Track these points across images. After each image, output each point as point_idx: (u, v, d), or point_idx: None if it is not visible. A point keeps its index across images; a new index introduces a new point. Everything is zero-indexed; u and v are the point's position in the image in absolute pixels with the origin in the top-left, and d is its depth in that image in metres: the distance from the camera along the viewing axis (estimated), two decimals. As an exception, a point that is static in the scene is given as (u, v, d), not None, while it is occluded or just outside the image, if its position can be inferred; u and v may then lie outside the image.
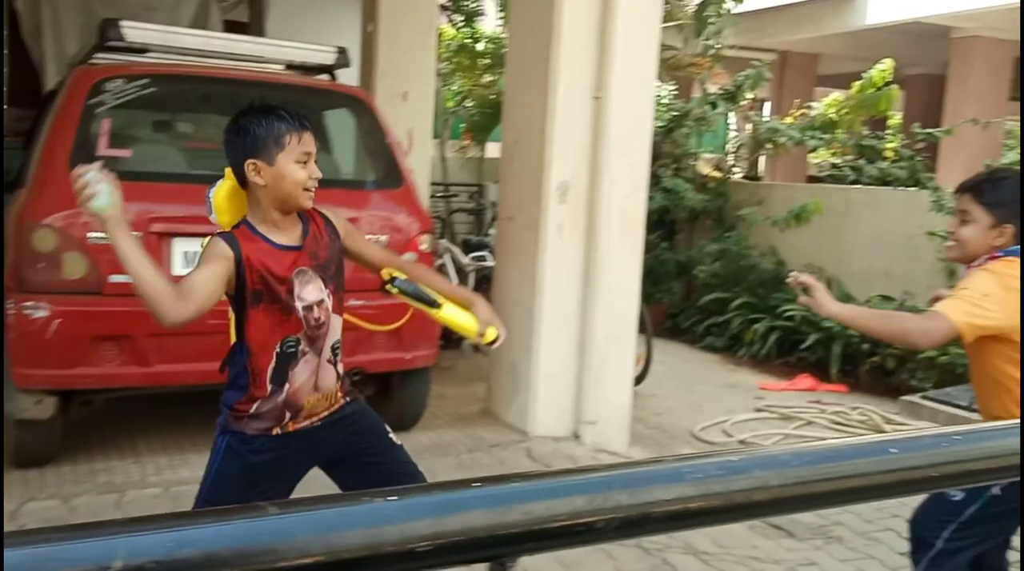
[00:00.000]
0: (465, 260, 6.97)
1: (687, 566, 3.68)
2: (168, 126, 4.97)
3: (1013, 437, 1.14)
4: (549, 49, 4.81)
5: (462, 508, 0.88)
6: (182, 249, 4.09)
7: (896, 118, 16.27)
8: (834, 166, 8.49)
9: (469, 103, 10.31)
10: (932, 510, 2.89)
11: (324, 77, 5.03)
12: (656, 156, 8.60)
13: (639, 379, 6.16)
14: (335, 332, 2.49)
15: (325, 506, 0.87)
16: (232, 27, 7.78)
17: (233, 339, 2.43)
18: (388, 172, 4.70)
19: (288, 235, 2.41)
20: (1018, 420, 1.18)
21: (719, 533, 3.98)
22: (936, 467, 1.10)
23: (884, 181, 7.48)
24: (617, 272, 5.00)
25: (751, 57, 9.08)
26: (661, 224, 8.78)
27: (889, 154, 7.63)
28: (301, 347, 2.41)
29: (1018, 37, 11.18)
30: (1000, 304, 2.69)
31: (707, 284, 8.21)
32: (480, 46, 10.15)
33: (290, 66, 4.93)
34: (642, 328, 5.94)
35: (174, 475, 4.29)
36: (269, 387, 2.40)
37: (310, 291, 2.41)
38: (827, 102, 8.04)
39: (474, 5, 9.91)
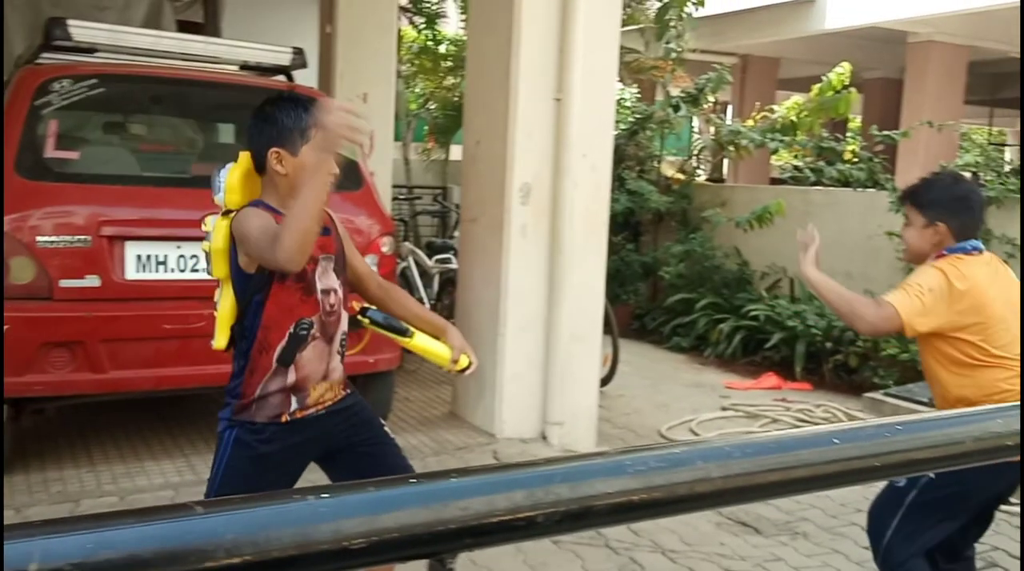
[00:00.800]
0: (429, 263, 6.94)
1: (655, 564, 3.69)
2: (118, 127, 4.89)
3: (953, 426, 1.15)
4: (509, 50, 4.81)
5: (398, 505, 0.87)
6: (134, 252, 4.03)
7: (856, 121, 16.48)
8: (796, 168, 8.56)
9: (432, 105, 10.30)
10: (883, 499, 2.97)
11: (281, 78, 4.99)
12: (620, 158, 8.66)
13: (606, 380, 6.17)
14: (344, 324, 2.52)
15: (255, 504, 0.85)
16: (187, 27, 7.68)
17: (229, 320, 2.42)
18: (347, 174, 4.64)
19: None
20: (959, 410, 1.19)
21: (686, 531, 3.99)
22: (878, 457, 1.10)
23: (844, 182, 7.56)
24: (582, 273, 5.00)
25: (713, 61, 9.15)
26: (626, 226, 8.82)
27: (849, 156, 7.71)
28: (313, 330, 2.42)
29: (972, 42, 11.38)
30: (944, 302, 2.77)
31: (672, 285, 8.25)
32: (442, 48, 10.14)
33: (245, 67, 4.88)
34: (608, 329, 5.95)
35: (131, 483, 4.22)
36: (275, 365, 2.39)
37: (329, 278, 2.44)
38: (787, 105, 8.11)
39: (435, 7, 9.89)
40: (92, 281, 3.89)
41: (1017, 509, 4.21)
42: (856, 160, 7.58)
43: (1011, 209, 6.35)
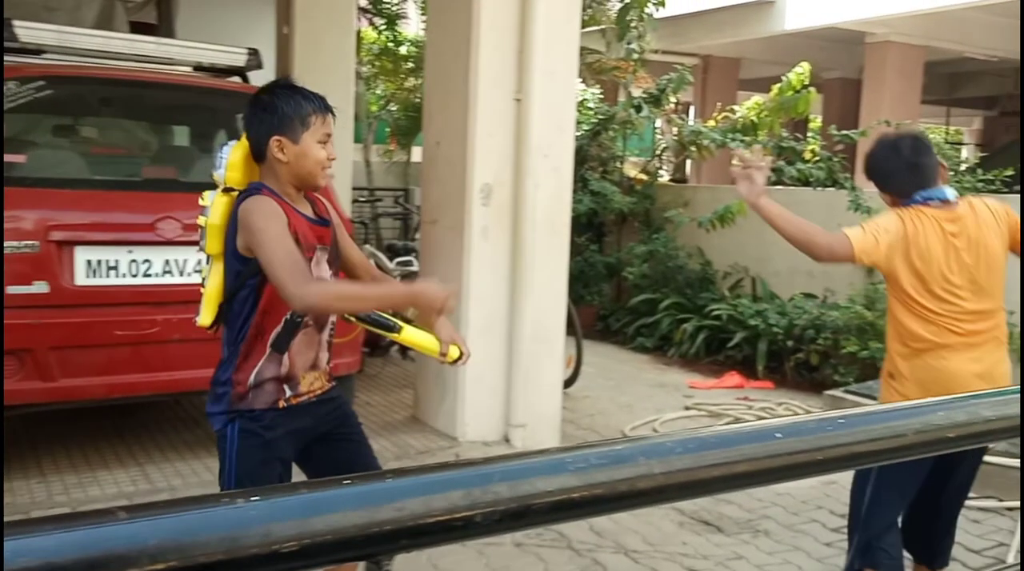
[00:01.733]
0: (390, 265, 6.89)
1: (618, 565, 3.68)
2: (67, 130, 4.82)
3: (895, 419, 1.15)
4: (468, 50, 4.79)
5: (331, 507, 0.85)
6: (84, 257, 3.96)
7: (816, 121, 16.64)
8: (759, 168, 8.61)
9: (393, 107, 10.25)
10: (856, 480, 3.08)
11: (236, 80, 4.93)
12: (583, 159, 8.68)
13: (570, 381, 6.17)
14: (334, 315, 2.55)
15: (181, 509, 0.83)
16: (140, 29, 7.59)
17: (216, 298, 2.42)
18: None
19: (305, 210, 2.45)
20: (904, 402, 1.19)
21: (649, 531, 4.00)
22: (821, 451, 1.10)
23: (804, 182, 7.62)
24: (544, 274, 5.00)
25: (674, 61, 9.19)
26: (590, 226, 8.84)
27: (809, 156, 7.77)
28: (307, 318, 2.43)
29: (928, 43, 11.55)
30: (894, 243, 2.88)
31: (636, 285, 8.28)
32: (403, 49, 10.10)
33: (199, 68, 4.82)
34: (571, 330, 5.95)
35: (83, 494, 4.15)
36: (268, 350, 2.39)
37: (322, 268, 2.46)
38: (748, 105, 8.15)
39: (396, 8, 9.85)
40: (40, 287, 3.81)
41: (1014, 503, 4.28)
42: (816, 159, 7.64)
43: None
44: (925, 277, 2.87)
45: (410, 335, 2.56)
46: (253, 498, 0.83)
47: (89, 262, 3.94)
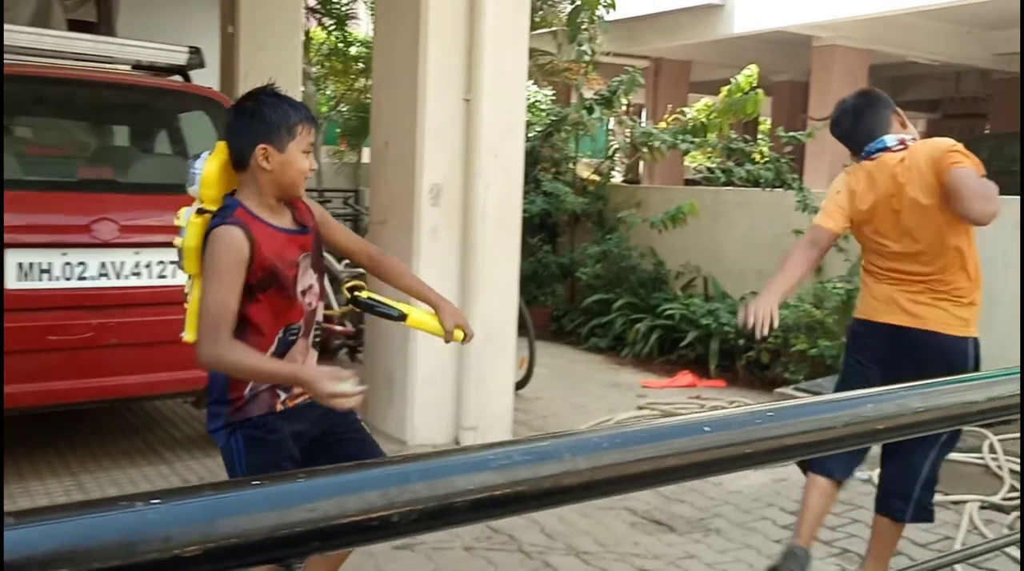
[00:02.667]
0: (339, 267, 6.82)
1: (569, 567, 3.67)
2: (-1, 130, 4.70)
3: (824, 412, 1.14)
4: (417, 50, 4.75)
5: (237, 509, 0.82)
6: (15, 260, 3.85)
7: (766, 123, 16.84)
8: (709, 169, 8.69)
9: (343, 107, 10.18)
10: (917, 448, 3.21)
11: (177, 78, 4.84)
12: (535, 160, 8.67)
13: (523, 382, 6.15)
14: (319, 315, 2.55)
15: (75, 513, 0.78)
16: (79, 28, 7.43)
17: (196, 320, 2.40)
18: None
19: (283, 219, 2.43)
20: (832, 396, 1.18)
21: (601, 532, 4.00)
22: (750, 444, 1.09)
23: (754, 183, 7.69)
24: (494, 275, 4.97)
25: (626, 63, 9.21)
26: (543, 227, 8.83)
27: (758, 157, 7.85)
28: (301, 333, 2.45)
29: (872, 47, 11.74)
30: (838, 201, 3.16)
31: (590, 286, 8.29)
32: (353, 50, 10.03)
33: (138, 66, 4.72)
34: (524, 331, 5.93)
35: (12, 506, 4.00)
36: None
37: (307, 276, 2.45)
38: (698, 107, 8.21)
39: (345, 8, 9.77)
40: None
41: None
42: (765, 161, 7.71)
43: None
44: (863, 223, 3.13)
45: (416, 319, 2.60)
46: (153, 501, 0.79)
47: (21, 265, 3.83)
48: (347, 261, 6.91)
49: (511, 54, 4.90)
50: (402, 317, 2.58)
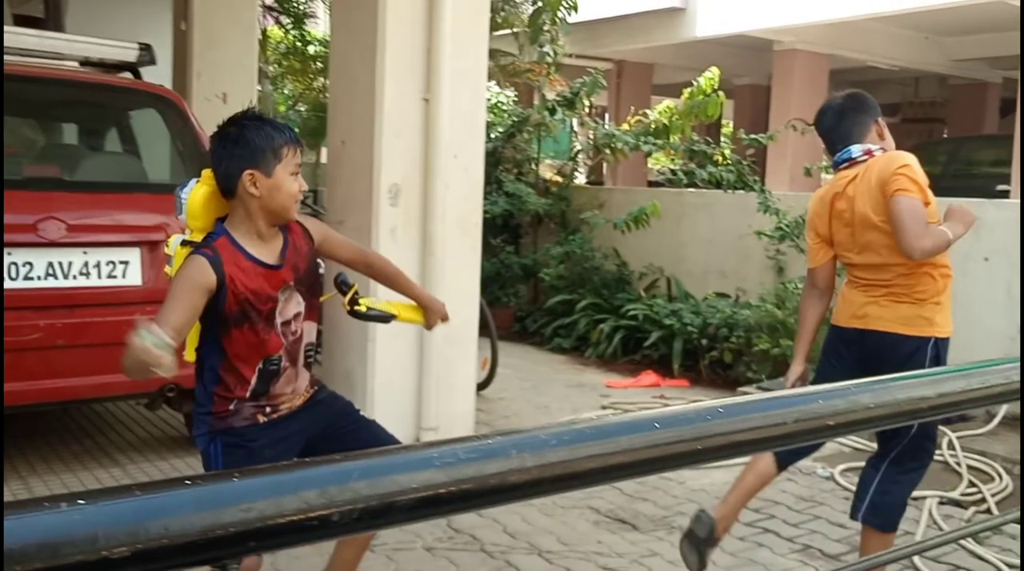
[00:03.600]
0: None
1: (532, 567, 3.66)
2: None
3: (775, 408, 1.13)
4: (375, 49, 4.71)
5: (168, 510, 0.80)
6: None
7: (729, 126, 16.98)
8: (671, 171, 8.73)
9: (302, 107, 10.09)
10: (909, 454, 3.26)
11: (127, 75, 4.76)
12: (498, 161, 8.65)
13: (485, 383, 6.13)
14: (309, 336, 2.54)
15: (-7, 516, 0.75)
16: (26, 22, 7.27)
17: (194, 345, 2.43)
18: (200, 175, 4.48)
19: (270, 249, 2.41)
20: (781, 392, 1.18)
21: (564, 531, 3.99)
22: (700, 440, 1.09)
23: (716, 185, 7.74)
24: (455, 275, 4.94)
25: (588, 65, 9.23)
26: (506, 228, 8.82)
27: (720, 159, 7.90)
28: (283, 363, 2.45)
29: (832, 51, 11.87)
30: (811, 224, 3.24)
31: (553, 286, 8.28)
32: (311, 49, 9.95)
33: (87, 63, 4.63)
34: (486, 331, 5.91)
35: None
36: (249, 393, 2.43)
37: (291, 307, 2.44)
38: (660, 109, 8.23)
39: (303, 7, 9.70)
40: None
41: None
42: (726, 163, 7.76)
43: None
44: (828, 236, 3.19)
45: (405, 317, 2.78)
46: (79, 501, 0.77)
47: None
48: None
49: (471, 53, 4.88)
50: (392, 318, 2.73)
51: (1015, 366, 1.23)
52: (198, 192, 2.37)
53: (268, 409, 2.47)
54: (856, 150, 3.05)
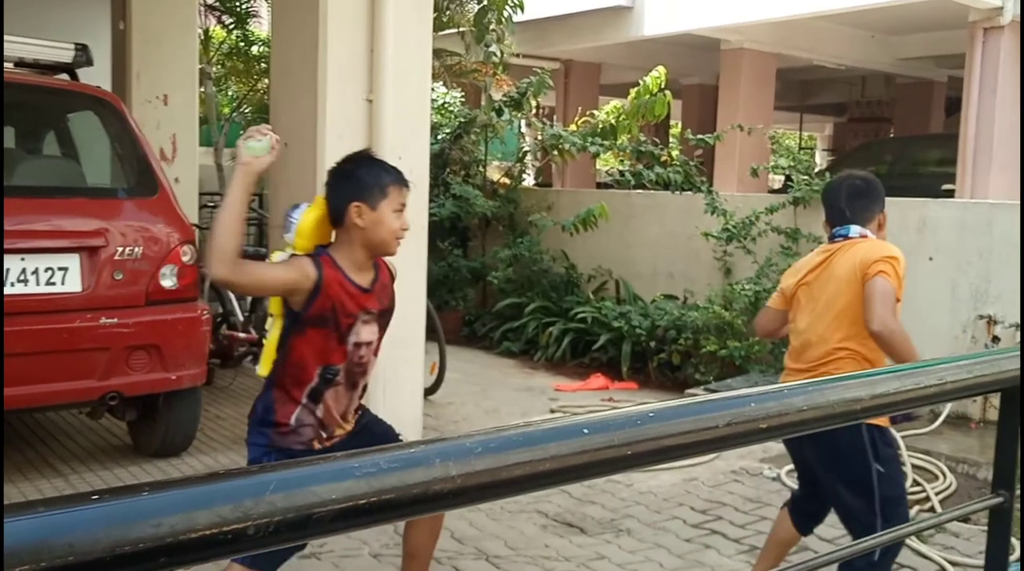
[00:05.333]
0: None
1: (479, 572, 3.63)
2: None
3: (707, 412, 1.12)
4: (316, 49, 4.65)
5: (73, 526, 0.77)
6: None
7: (677, 126, 17.09)
8: (620, 173, 8.76)
9: (246, 109, 9.96)
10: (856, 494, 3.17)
11: (63, 77, 4.65)
12: (444, 163, 8.61)
13: (433, 388, 6.09)
14: (368, 373, 2.76)
15: None
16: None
17: (273, 354, 2.60)
18: (141, 179, 4.39)
19: (364, 277, 2.64)
20: (715, 395, 1.16)
21: (511, 535, 3.98)
22: (630, 445, 1.08)
23: (664, 186, 7.77)
24: (401, 279, 4.86)
25: (536, 65, 9.22)
26: (453, 231, 8.77)
27: (668, 160, 7.93)
28: (339, 377, 2.63)
29: (779, 50, 12.00)
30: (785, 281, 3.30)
31: (501, 290, 8.26)
32: (255, 49, 9.83)
33: (21, 64, 4.51)
34: (434, 335, 5.87)
35: None
36: (304, 399, 2.60)
37: (366, 332, 2.65)
38: (607, 109, 8.25)
39: (246, 6, 9.57)
40: None
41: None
42: (674, 164, 7.80)
43: (817, 208, 6.66)
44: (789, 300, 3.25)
45: None
46: (-24, 521, 0.74)
47: None
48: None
49: (414, 53, 4.84)
50: None
51: (948, 367, 1.23)
52: (310, 215, 2.59)
53: (324, 435, 2.64)
54: (855, 231, 3.14)
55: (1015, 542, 3.69)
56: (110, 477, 4.42)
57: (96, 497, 0.80)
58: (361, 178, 2.56)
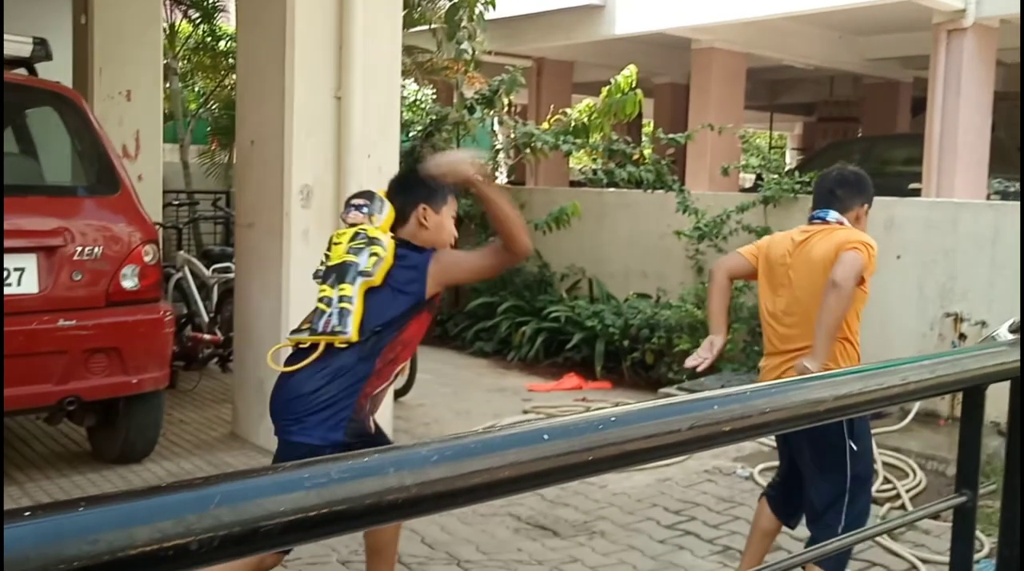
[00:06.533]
0: (207, 273, 6.56)
1: (452, 577, 3.61)
2: None
3: (670, 415, 1.10)
4: (284, 45, 4.59)
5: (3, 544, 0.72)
6: None
7: (649, 125, 17.14)
8: (593, 171, 8.74)
9: (214, 105, 9.84)
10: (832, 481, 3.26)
11: (21, 71, 4.56)
12: (416, 161, 8.53)
13: (404, 390, 6.04)
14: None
15: None
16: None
17: (358, 322, 2.71)
18: (102, 177, 4.32)
19: None
20: (677, 399, 1.14)
21: (483, 539, 3.95)
22: (592, 451, 1.06)
23: (637, 184, 7.77)
24: (372, 278, 4.84)
25: (508, 63, 9.18)
26: (426, 230, 8.69)
27: (640, 159, 7.93)
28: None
29: (749, 50, 12.05)
30: (757, 249, 3.42)
31: (474, 289, 8.22)
32: (223, 44, 9.72)
33: None
34: (404, 336, 5.81)
35: None
36: (391, 379, 2.86)
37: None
38: (580, 108, 8.23)
39: (214, 1, 9.45)
40: None
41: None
42: (646, 162, 7.80)
43: (787, 207, 6.71)
44: (764, 279, 3.35)
45: None
46: None
47: None
48: (216, 265, 6.67)
49: (384, 50, 4.79)
50: None
51: (912, 367, 1.22)
52: (389, 213, 2.85)
53: (369, 423, 2.82)
54: (832, 216, 3.29)
55: (986, 539, 3.71)
56: (68, 485, 4.33)
57: (28, 513, 0.76)
58: (428, 184, 2.81)
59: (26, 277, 3.93)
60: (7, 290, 3.85)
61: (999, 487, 1.44)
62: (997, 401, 1.49)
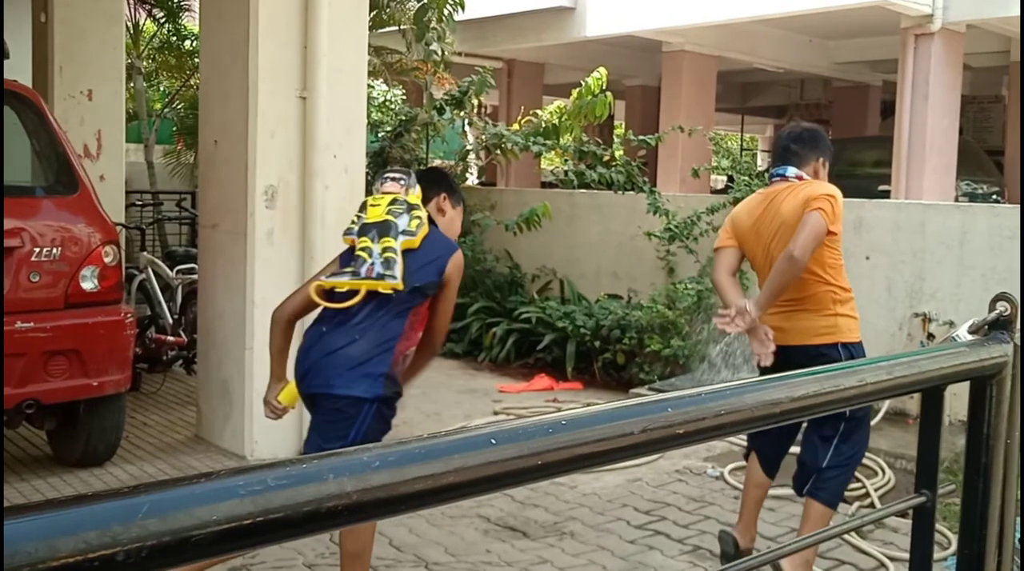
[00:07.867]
0: (170, 274, 6.48)
1: (420, 580, 3.58)
2: None
3: (623, 418, 1.08)
4: (247, 44, 4.54)
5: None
6: None
7: (620, 127, 17.18)
8: (564, 172, 8.74)
9: (179, 104, 9.74)
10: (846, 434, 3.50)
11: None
12: (385, 161, 8.51)
13: (373, 391, 5.98)
14: None
15: None
16: None
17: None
18: (60, 177, 4.25)
19: None
20: (629, 401, 1.13)
21: (452, 541, 3.92)
22: (541, 455, 1.04)
23: (608, 186, 7.77)
24: (337, 280, 4.80)
25: (478, 64, 9.17)
26: (396, 231, 8.65)
27: (610, 160, 7.93)
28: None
29: (720, 53, 12.11)
30: (729, 222, 3.62)
31: (444, 291, 8.17)
32: (188, 44, 9.62)
33: None
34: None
35: None
36: (415, 345, 3.10)
37: None
38: (550, 109, 8.23)
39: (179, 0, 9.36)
40: None
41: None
42: (617, 164, 7.81)
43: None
44: (746, 247, 3.51)
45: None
46: None
47: None
48: (180, 267, 6.59)
49: (350, 49, 4.75)
50: None
51: (868, 368, 1.21)
52: (419, 192, 3.08)
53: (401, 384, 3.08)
54: (791, 172, 3.42)
55: (953, 536, 3.73)
56: (28, 490, 4.26)
57: (-69, 525, 0.73)
58: (451, 180, 3.26)
59: None
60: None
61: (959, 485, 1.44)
62: (967, 399, 1.51)
